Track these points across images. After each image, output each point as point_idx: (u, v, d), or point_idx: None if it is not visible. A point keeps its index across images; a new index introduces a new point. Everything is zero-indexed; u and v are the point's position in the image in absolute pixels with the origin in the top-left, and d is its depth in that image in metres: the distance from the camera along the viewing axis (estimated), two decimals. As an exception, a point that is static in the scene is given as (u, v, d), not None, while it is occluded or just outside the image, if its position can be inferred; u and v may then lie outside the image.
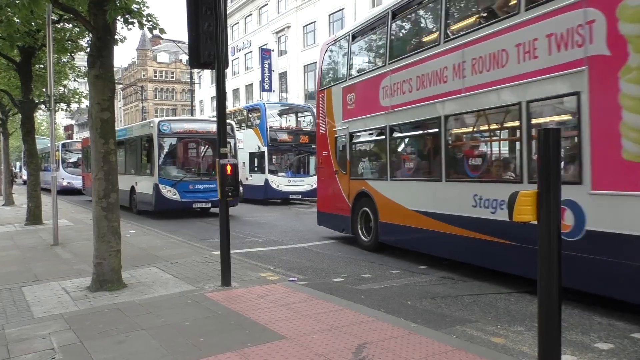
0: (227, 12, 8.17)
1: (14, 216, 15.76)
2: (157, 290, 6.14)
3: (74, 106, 18.80)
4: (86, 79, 14.90)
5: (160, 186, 15.12)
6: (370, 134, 9.70)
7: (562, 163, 5.62)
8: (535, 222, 2.95)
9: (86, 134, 67.12)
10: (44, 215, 13.65)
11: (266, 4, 43.68)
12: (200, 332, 4.55)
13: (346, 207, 10.05)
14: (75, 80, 16.57)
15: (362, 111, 9.61)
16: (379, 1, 30.75)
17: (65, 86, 16.97)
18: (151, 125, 15.70)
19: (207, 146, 16.79)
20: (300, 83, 38.00)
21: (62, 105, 16.96)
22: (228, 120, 17.46)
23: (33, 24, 10.45)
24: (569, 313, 5.28)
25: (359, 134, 9.93)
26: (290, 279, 6.86)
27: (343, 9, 33.74)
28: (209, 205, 15.79)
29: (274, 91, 37.79)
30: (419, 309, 5.55)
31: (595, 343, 4.46)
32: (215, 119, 19.16)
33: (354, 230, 9.90)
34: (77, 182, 28.20)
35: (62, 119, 72.07)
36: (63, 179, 29.03)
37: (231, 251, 6.40)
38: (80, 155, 28.80)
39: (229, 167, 6.06)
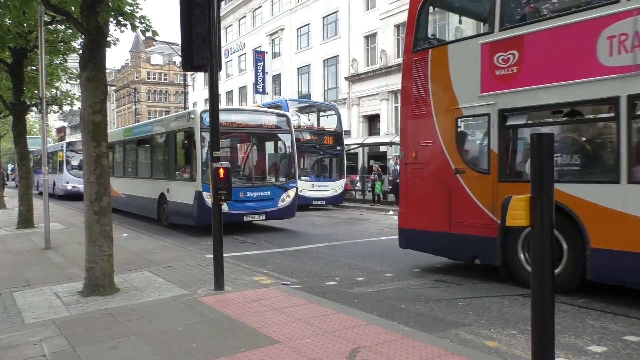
0: (221, 15, 8.09)
1: (5, 220, 15.63)
2: (150, 295, 6.10)
3: (66, 108, 18.70)
4: (79, 81, 14.84)
5: (205, 194, 11.55)
6: (556, 112, 6.66)
7: None
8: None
9: (79, 136, 66.75)
10: (35, 218, 13.54)
11: (260, 6, 43.69)
12: (194, 337, 4.52)
13: (488, 223, 6.77)
14: (67, 82, 16.48)
15: (542, 77, 6.37)
16: (373, 3, 30.85)
17: (57, 88, 16.88)
18: (192, 116, 12.19)
19: (259, 143, 13.91)
20: (294, 85, 38.01)
21: (54, 107, 16.86)
22: (284, 112, 14.80)
23: (25, 25, 10.40)
24: (562, 316, 5.29)
25: (529, 112, 6.73)
26: (283, 282, 6.84)
27: (337, 11, 33.79)
28: (263, 217, 12.63)
29: (267, 93, 37.77)
30: (412, 312, 5.55)
31: (589, 346, 4.47)
32: (267, 109, 15.85)
33: (508, 258, 6.69)
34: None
35: (55, 120, 71.68)
36: (67, 183, 26.14)
37: (224, 254, 6.37)
38: None
39: (221, 171, 6.04)
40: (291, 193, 13.06)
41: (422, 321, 5.16)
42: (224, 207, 11.13)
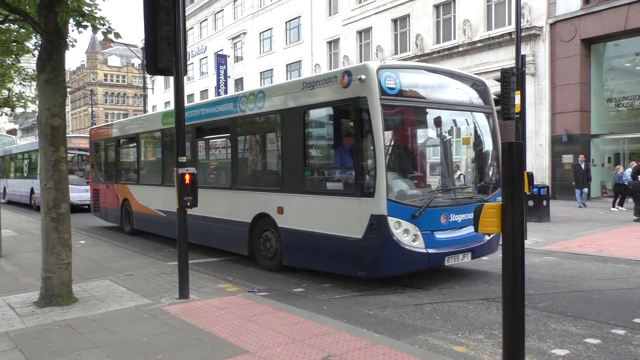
0: (184, 17, 7.91)
1: (-48, 226, 14.85)
2: (111, 305, 5.90)
3: (18, 110, 17.96)
4: (32, 82, 14.20)
5: (392, 221, 6.43)
6: None
7: None
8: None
9: (31, 139, 64.41)
10: (-15, 225, 12.91)
11: (222, 10, 43.34)
12: (159, 348, 4.39)
13: None
14: (21, 83, 15.84)
15: None
16: (335, 10, 31.07)
17: (9, 89, 16.20)
18: (361, 77, 6.52)
19: (455, 128, 8.26)
20: (257, 89, 37.80)
21: (6, 109, 16.19)
22: (481, 78, 8.62)
23: (-24, 23, 9.91)
24: (525, 320, 5.39)
25: None
26: (250, 289, 6.75)
27: (300, 16, 33.89)
28: (469, 257, 7.30)
29: (229, 97, 37.43)
30: (380, 318, 5.56)
31: (552, 349, 4.58)
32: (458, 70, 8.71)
33: None
34: (75, 195, 18.62)
35: (5, 123, 68.90)
36: None
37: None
38: (81, 156, 20.66)
39: (187, 177, 5.92)
40: None
41: (390, 327, 5.18)
42: (417, 244, 6.62)
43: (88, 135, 16.71)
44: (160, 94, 52.76)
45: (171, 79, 6.60)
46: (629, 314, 5.55)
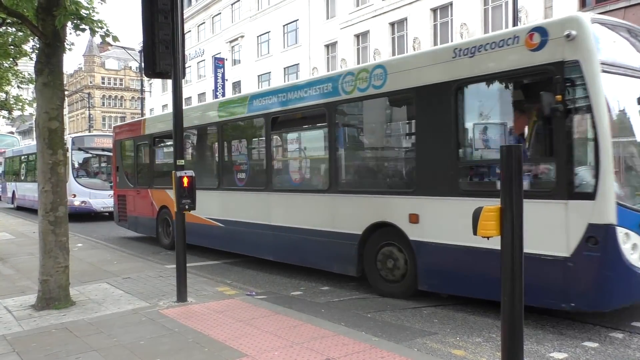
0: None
1: (-51, 229, 14.82)
2: (109, 308, 5.89)
3: (15, 113, 17.92)
4: (30, 85, 14.15)
5: (621, 232, 4.66)
6: None
7: None
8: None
9: (28, 141, 64.23)
10: (-18, 228, 12.89)
11: (219, 13, 43.38)
12: (156, 351, 4.38)
13: None
14: (18, 86, 15.82)
15: None
16: (332, 13, 31.13)
17: (7, 92, 16.18)
18: (568, 34, 4.71)
19: None
20: (254, 93, 37.79)
21: (4, 112, 16.17)
22: None
23: (-27, 26, 9.91)
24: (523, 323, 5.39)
25: None
26: (248, 293, 6.73)
27: (297, 20, 33.92)
28: None
29: (227, 100, 37.39)
30: (379, 321, 5.56)
31: (550, 353, 4.58)
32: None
33: None
34: (97, 202, 18.12)
35: (1, 125, 68.75)
36: (74, 196, 17.30)
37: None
38: (101, 157, 19.05)
39: (185, 180, 5.91)
40: None
41: (389, 331, 5.17)
42: None
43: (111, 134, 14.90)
44: (157, 97, 52.72)
45: (169, 82, 6.64)
46: (627, 317, 5.55)
